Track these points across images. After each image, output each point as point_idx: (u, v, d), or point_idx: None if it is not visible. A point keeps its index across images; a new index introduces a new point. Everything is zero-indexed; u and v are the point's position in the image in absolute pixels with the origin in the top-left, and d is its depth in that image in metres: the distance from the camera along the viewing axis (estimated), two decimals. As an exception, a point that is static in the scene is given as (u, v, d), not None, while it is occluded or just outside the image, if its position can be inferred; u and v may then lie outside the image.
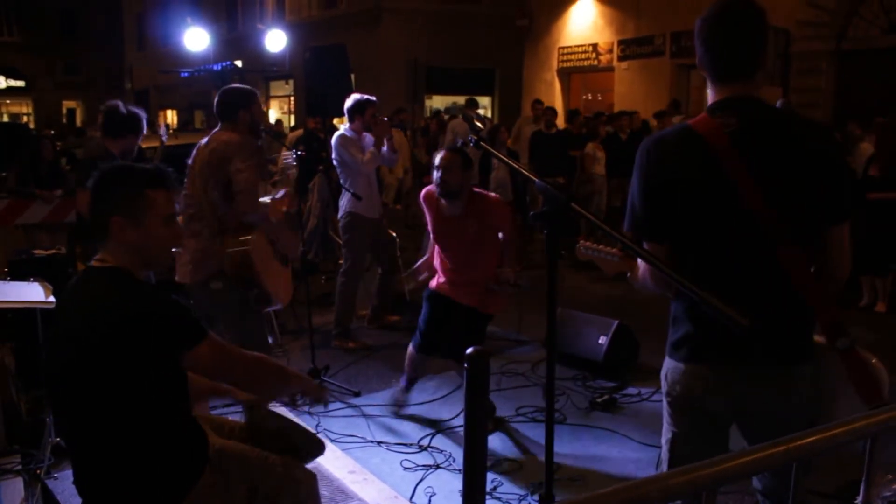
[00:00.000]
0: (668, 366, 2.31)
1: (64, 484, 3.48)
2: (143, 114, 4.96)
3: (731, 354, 2.12)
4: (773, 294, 2.07)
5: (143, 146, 8.89)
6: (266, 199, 4.06)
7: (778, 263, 2.05)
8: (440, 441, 4.22)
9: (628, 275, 2.42)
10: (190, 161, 3.92)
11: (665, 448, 2.37)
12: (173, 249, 2.40)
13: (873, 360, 2.16)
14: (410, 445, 4.16)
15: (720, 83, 2.15)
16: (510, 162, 2.20)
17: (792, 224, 2.04)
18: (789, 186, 2.03)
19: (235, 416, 3.94)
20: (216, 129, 4.02)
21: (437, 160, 4.24)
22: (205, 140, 3.97)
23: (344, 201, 5.88)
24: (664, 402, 2.35)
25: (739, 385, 2.16)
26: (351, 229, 5.89)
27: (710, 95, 2.18)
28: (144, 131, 4.99)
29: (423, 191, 4.49)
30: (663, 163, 2.14)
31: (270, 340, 4.21)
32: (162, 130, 6.36)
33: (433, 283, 4.51)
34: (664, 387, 2.33)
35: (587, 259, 2.55)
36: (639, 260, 2.30)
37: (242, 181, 3.75)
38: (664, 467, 2.39)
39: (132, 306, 2.09)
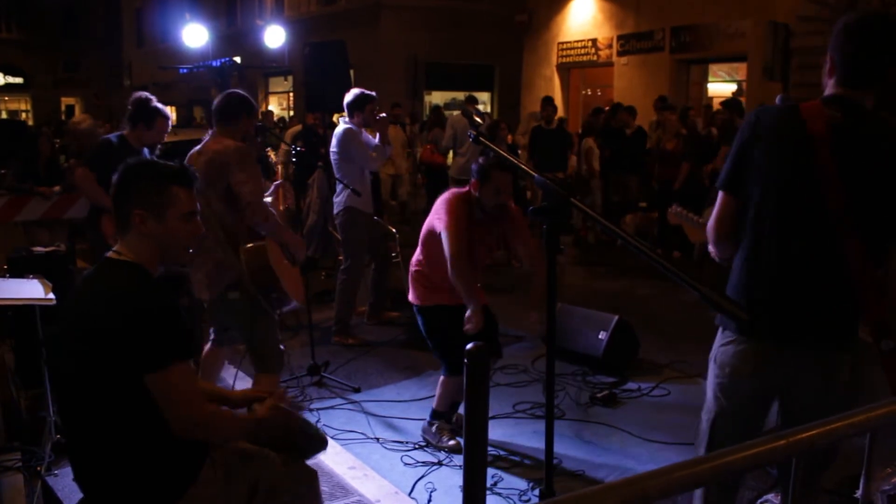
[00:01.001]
0: (718, 346, 2.42)
1: (64, 481, 3.48)
2: (168, 112, 5.04)
3: (780, 332, 2.26)
4: (827, 279, 2.19)
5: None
6: (268, 200, 4.06)
7: (839, 253, 2.16)
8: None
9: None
10: None
11: (705, 424, 2.47)
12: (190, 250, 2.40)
13: None
14: (410, 442, 4.16)
15: (842, 84, 2.26)
16: (510, 157, 2.20)
17: (862, 223, 2.15)
18: (870, 191, 2.16)
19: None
20: (209, 134, 3.95)
21: (492, 177, 3.91)
22: (196, 149, 3.91)
23: (340, 198, 5.87)
24: (711, 381, 2.45)
25: (786, 363, 2.28)
26: (350, 226, 5.88)
27: (828, 87, 2.30)
28: (169, 129, 5.05)
29: (454, 195, 4.02)
30: (762, 131, 2.28)
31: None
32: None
33: (426, 299, 4.13)
34: (713, 368, 2.43)
35: (677, 223, 2.78)
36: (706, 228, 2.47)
37: (248, 193, 3.68)
38: (701, 449, 2.47)
39: (132, 299, 2.11)
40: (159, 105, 4.92)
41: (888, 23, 2.22)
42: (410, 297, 4.20)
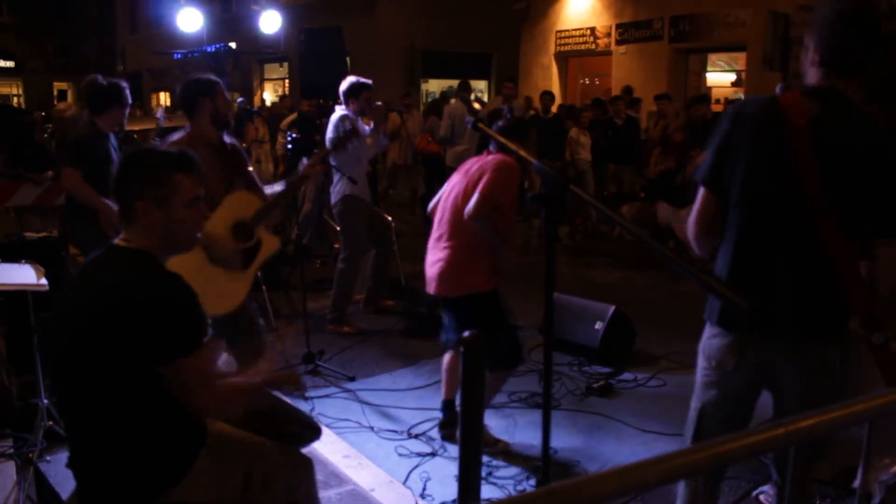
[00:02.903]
0: (705, 338, 2.41)
1: (56, 468, 3.46)
2: (124, 83, 4.84)
3: (762, 325, 2.22)
4: (810, 273, 2.16)
5: (137, 128, 8.82)
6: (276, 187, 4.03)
7: (821, 246, 2.13)
8: (435, 427, 4.20)
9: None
10: None
11: (693, 414, 2.46)
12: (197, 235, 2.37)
13: None
14: (405, 431, 4.15)
15: (823, 72, 2.23)
16: (509, 144, 2.18)
17: (842, 216, 2.12)
18: (848, 184, 2.12)
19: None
20: (196, 124, 3.88)
21: (530, 135, 3.85)
22: (183, 135, 3.88)
23: (337, 188, 5.83)
24: (699, 372, 2.44)
25: (770, 357, 2.27)
26: (348, 214, 5.85)
27: (809, 76, 2.27)
28: (130, 101, 4.84)
29: (513, 164, 3.70)
30: (741, 124, 2.26)
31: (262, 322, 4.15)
32: (159, 113, 6.31)
33: (487, 283, 3.80)
34: (700, 360, 2.42)
35: (666, 218, 2.75)
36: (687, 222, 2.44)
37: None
38: (688, 438, 2.47)
39: (152, 289, 2.11)
40: (113, 80, 4.78)
41: (869, 10, 2.20)
42: (446, 289, 3.82)
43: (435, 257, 3.85)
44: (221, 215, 3.74)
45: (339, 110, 5.75)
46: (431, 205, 4.08)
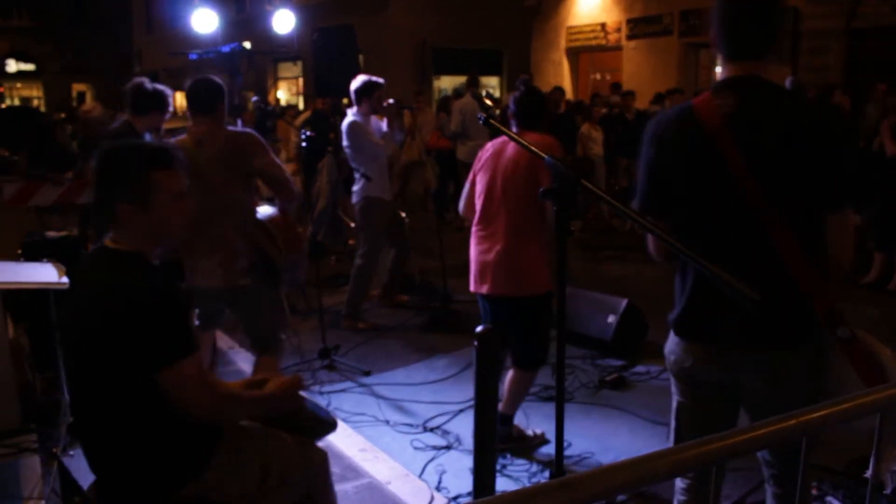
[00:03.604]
0: (669, 338, 2.37)
1: (80, 462, 3.50)
2: (168, 91, 4.95)
3: (721, 335, 2.16)
4: (765, 277, 2.00)
5: (169, 126, 8.90)
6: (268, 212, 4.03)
7: (771, 247, 2.04)
8: (449, 420, 4.24)
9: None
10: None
11: (672, 418, 2.43)
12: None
13: (888, 353, 2.08)
14: (420, 426, 4.19)
15: (730, 61, 2.14)
16: (520, 140, 2.20)
17: (785, 208, 2.02)
18: (782, 170, 2.01)
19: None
20: (197, 123, 3.82)
21: None
22: (184, 138, 3.81)
23: (358, 187, 5.88)
24: (670, 373, 2.41)
25: (730, 364, 2.18)
26: (368, 213, 5.89)
27: (720, 73, 2.18)
28: (171, 108, 4.97)
29: (558, 146, 3.66)
30: (662, 141, 2.18)
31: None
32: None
33: (550, 283, 3.71)
34: (666, 358, 2.38)
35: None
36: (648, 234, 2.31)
37: (282, 172, 3.81)
38: (671, 438, 2.44)
39: (137, 296, 2.06)
40: (158, 86, 4.87)
41: None
42: (508, 289, 3.68)
43: (491, 255, 3.66)
44: None
45: (350, 115, 5.79)
46: (462, 205, 3.91)
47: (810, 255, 2.07)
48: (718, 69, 2.22)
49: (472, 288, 3.82)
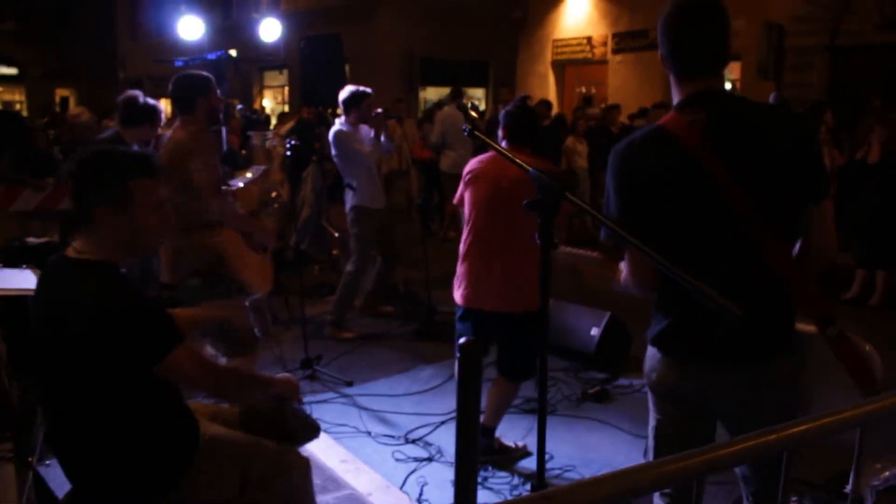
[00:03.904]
0: (648, 353, 2.34)
1: (56, 471, 3.46)
2: (160, 106, 5.01)
3: (701, 351, 2.15)
4: (755, 289, 2.03)
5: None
6: (239, 183, 4.07)
7: (760, 256, 2.05)
8: (432, 432, 4.23)
9: (613, 280, 2.43)
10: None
11: (651, 435, 2.41)
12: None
13: (867, 347, 2.16)
14: (401, 437, 4.17)
15: (686, 80, 2.14)
16: (505, 153, 2.20)
17: (772, 213, 2.04)
18: (765, 174, 2.03)
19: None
20: (176, 124, 3.92)
21: None
22: (167, 134, 3.93)
23: (349, 196, 5.87)
24: (648, 390, 2.39)
25: (710, 380, 2.17)
26: (359, 223, 5.88)
27: (676, 93, 2.17)
28: (162, 122, 5.03)
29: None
30: (637, 165, 2.15)
31: (257, 332, 4.19)
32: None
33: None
34: (645, 373, 2.36)
35: (569, 265, 2.60)
36: (621, 263, 2.32)
37: (202, 180, 3.75)
38: (650, 455, 2.42)
39: (113, 304, 2.04)
40: (150, 101, 4.90)
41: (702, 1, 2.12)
42: (506, 305, 3.67)
43: (492, 272, 3.66)
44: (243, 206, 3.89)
45: (337, 123, 5.79)
46: (467, 213, 3.82)
47: (799, 257, 2.09)
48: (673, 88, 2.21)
49: (463, 302, 3.76)
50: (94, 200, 2.12)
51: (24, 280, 3.63)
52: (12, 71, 35.65)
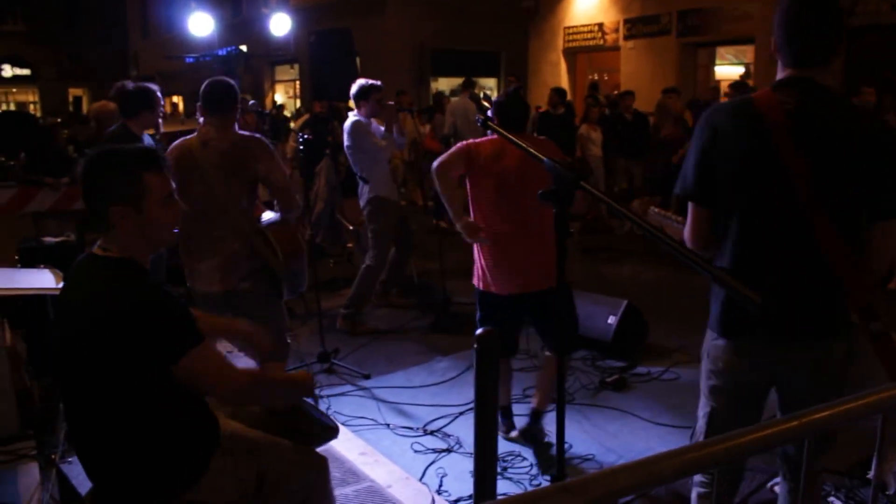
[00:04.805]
0: (709, 342, 2.37)
1: (79, 468, 3.47)
2: (154, 86, 4.90)
3: (763, 329, 2.20)
4: (808, 271, 2.12)
5: (172, 130, 8.90)
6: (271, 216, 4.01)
7: (816, 242, 2.10)
8: (450, 423, 4.23)
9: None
10: (168, 157, 3.57)
11: (702, 422, 2.43)
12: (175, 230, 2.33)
13: None
14: (420, 428, 4.18)
15: (792, 67, 2.18)
16: (518, 142, 2.18)
17: (834, 207, 2.09)
18: (837, 172, 2.08)
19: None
20: (206, 124, 3.81)
21: None
22: (191, 138, 3.80)
23: (364, 190, 5.87)
24: (704, 378, 2.41)
25: (774, 358, 2.24)
26: (377, 216, 5.87)
27: (779, 74, 2.22)
28: (161, 102, 4.93)
29: None
30: (718, 130, 2.21)
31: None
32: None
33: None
34: (705, 364, 2.39)
35: (658, 224, 2.67)
36: (684, 230, 2.39)
37: (282, 180, 3.74)
38: (699, 439, 2.43)
39: (137, 300, 2.06)
40: (142, 84, 4.86)
41: None
42: (550, 281, 3.65)
43: (533, 254, 3.68)
44: None
45: (352, 116, 5.79)
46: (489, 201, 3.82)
47: (852, 253, 2.13)
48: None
49: (507, 290, 3.75)
50: (106, 199, 2.14)
51: (42, 280, 3.66)
52: (25, 72, 35.88)
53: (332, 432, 2.65)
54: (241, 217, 3.73)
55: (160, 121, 5.01)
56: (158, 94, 4.88)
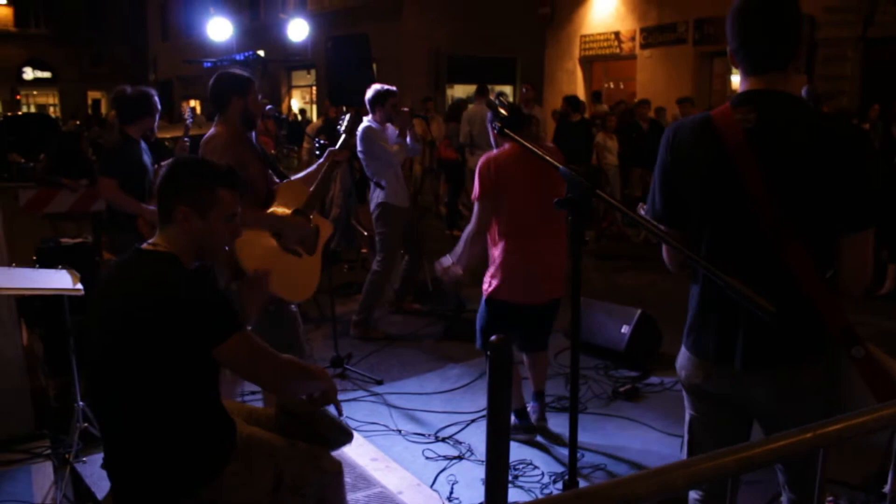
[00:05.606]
0: (680, 352, 2.35)
1: (92, 468, 3.54)
2: (152, 91, 4.90)
3: (727, 353, 2.12)
4: (777, 293, 1.94)
5: (168, 136, 8.97)
6: (299, 175, 4.02)
7: (785, 264, 1.99)
8: (462, 430, 4.23)
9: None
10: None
11: (686, 430, 2.40)
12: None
13: None
14: (431, 435, 4.18)
15: (751, 75, 2.08)
16: (534, 149, 2.19)
17: (801, 227, 1.98)
18: (802, 189, 1.96)
19: (260, 402, 3.99)
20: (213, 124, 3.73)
21: None
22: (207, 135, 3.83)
23: (375, 194, 5.89)
24: (681, 386, 2.39)
25: (739, 381, 2.14)
26: (385, 222, 5.89)
27: (739, 85, 2.13)
28: (159, 108, 4.93)
29: None
30: (679, 151, 2.13)
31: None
32: (187, 114, 6.29)
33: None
34: (677, 370, 2.36)
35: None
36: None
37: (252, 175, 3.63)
38: (684, 451, 2.41)
39: (179, 290, 2.15)
40: (142, 88, 4.87)
41: None
42: (564, 289, 3.94)
43: (552, 265, 3.92)
44: (281, 205, 3.76)
45: (365, 121, 5.81)
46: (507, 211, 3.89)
47: (824, 273, 2.02)
48: (736, 80, 2.16)
49: (524, 299, 3.93)
50: (177, 199, 2.27)
51: (60, 280, 3.69)
52: (46, 74, 36.30)
53: (347, 436, 2.67)
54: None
55: (155, 126, 5.04)
56: (156, 99, 4.91)
